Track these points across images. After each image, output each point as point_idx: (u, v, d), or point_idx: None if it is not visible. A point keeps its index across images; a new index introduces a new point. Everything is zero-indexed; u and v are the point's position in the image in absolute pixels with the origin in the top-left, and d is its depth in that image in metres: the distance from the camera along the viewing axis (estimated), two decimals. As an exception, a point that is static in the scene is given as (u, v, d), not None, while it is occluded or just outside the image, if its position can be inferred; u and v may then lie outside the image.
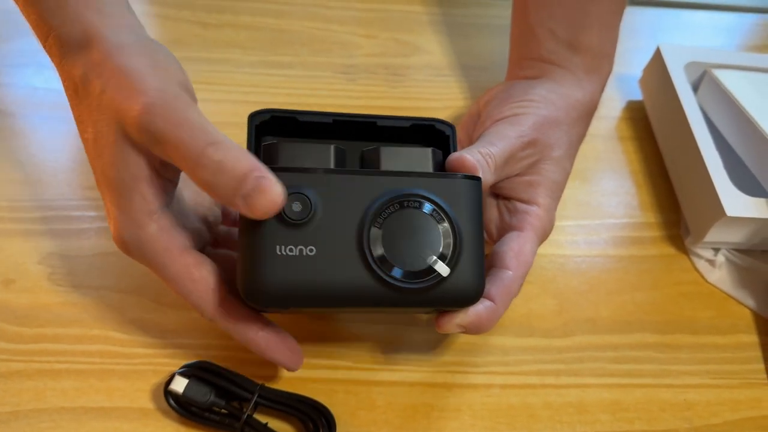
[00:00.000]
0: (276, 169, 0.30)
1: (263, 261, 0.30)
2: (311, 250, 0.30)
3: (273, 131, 0.34)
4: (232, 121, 0.48)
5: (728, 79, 0.50)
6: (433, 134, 0.36)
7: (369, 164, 0.34)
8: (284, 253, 0.30)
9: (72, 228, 0.42)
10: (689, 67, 0.51)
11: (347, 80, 0.53)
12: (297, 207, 0.30)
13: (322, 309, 0.32)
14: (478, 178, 0.32)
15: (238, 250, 0.31)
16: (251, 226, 0.30)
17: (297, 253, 0.30)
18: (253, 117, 0.34)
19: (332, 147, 0.33)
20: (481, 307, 0.33)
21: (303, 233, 0.30)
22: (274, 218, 0.30)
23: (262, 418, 0.36)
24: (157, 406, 0.36)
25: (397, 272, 0.30)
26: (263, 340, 0.33)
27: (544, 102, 0.40)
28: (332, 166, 0.32)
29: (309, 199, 0.30)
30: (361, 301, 0.31)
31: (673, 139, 0.50)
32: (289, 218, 0.30)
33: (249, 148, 0.33)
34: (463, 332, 0.34)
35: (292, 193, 0.30)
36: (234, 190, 0.28)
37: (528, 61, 0.44)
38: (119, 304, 0.40)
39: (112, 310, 0.39)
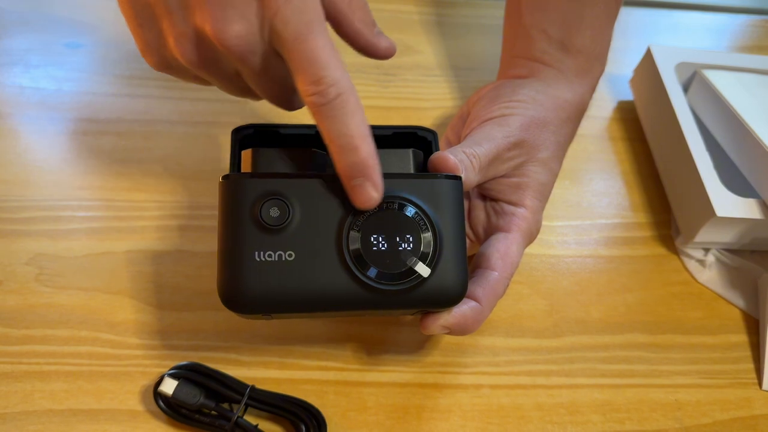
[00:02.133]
0: (252, 175, 0.30)
1: (242, 268, 0.29)
2: (290, 255, 0.30)
3: (257, 145, 0.33)
4: (229, 120, 0.48)
5: (718, 80, 0.50)
6: (416, 141, 0.35)
7: None
8: (263, 259, 0.29)
9: (60, 228, 0.42)
10: (680, 67, 0.51)
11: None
12: (275, 212, 0.30)
13: (304, 314, 0.32)
14: (459, 178, 0.32)
15: (217, 257, 0.30)
16: (229, 233, 0.30)
17: (276, 259, 0.30)
18: (236, 132, 0.34)
19: (310, 152, 0.32)
20: (465, 308, 0.33)
21: (281, 238, 0.30)
22: (252, 224, 0.29)
23: (252, 420, 0.36)
24: (147, 408, 0.36)
25: (377, 274, 0.30)
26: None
27: (532, 102, 0.40)
28: (311, 170, 0.32)
29: (287, 204, 0.30)
30: (342, 305, 0.30)
31: (664, 140, 0.50)
32: (267, 224, 0.29)
33: (232, 162, 0.33)
34: (448, 333, 0.34)
35: (270, 198, 0.30)
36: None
37: (519, 60, 0.44)
38: (108, 306, 0.39)
39: (101, 312, 0.39)
